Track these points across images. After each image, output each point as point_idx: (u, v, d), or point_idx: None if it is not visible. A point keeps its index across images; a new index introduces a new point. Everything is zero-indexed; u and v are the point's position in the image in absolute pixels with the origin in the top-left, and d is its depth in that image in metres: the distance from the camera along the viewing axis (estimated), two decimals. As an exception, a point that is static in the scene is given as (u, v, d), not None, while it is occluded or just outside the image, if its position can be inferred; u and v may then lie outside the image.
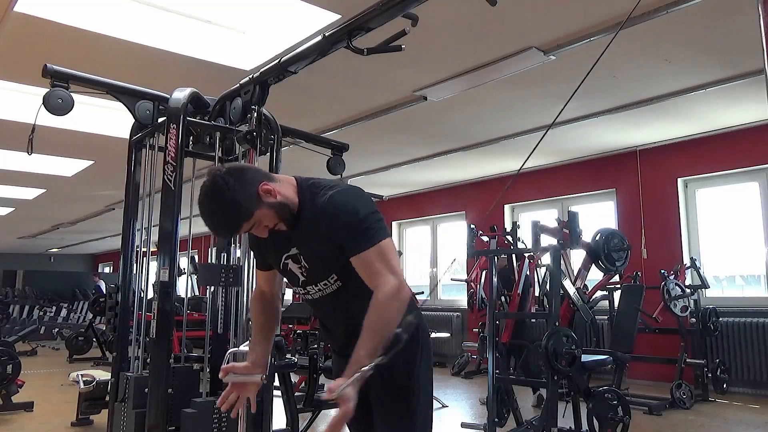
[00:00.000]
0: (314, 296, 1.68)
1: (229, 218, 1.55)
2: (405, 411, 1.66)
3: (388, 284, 1.49)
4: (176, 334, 4.69)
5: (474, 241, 5.64)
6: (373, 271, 1.52)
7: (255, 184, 1.56)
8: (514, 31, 3.90)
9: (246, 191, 1.54)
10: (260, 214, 1.56)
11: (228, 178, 1.53)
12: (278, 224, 1.63)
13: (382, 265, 1.52)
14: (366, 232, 1.53)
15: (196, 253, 10.49)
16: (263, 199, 1.56)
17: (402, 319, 1.48)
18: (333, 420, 1.42)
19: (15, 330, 11.23)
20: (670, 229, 6.60)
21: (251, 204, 1.54)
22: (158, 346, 3.04)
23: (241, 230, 1.60)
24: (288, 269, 1.69)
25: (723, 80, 4.78)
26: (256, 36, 3.93)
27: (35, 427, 4.79)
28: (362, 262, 1.54)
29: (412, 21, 2.40)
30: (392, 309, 1.48)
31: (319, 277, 1.64)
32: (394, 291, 1.48)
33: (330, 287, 1.64)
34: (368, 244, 1.53)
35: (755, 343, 5.77)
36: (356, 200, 1.59)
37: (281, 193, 1.60)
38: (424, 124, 5.98)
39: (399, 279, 1.51)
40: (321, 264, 1.63)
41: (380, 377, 1.67)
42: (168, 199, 3.11)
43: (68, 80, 3.27)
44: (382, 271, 1.51)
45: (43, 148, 6.44)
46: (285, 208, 1.60)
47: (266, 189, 1.57)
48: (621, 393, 3.86)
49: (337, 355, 1.82)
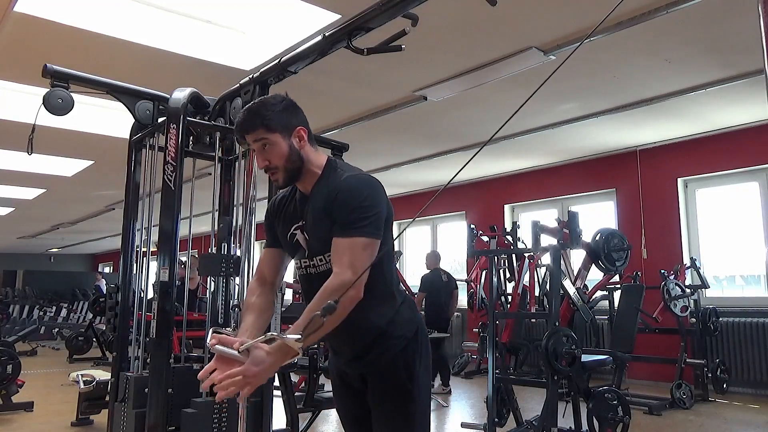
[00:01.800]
0: (311, 270, 1.68)
1: (255, 117, 1.63)
2: (404, 413, 1.65)
3: (340, 277, 1.49)
4: (176, 334, 4.70)
5: (474, 241, 5.64)
6: (338, 259, 1.54)
7: (297, 122, 1.67)
8: (514, 31, 3.90)
9: (286, 116, 1.65)
10: (277, 139, 1.63)
11: (285, 99, 1.68)
12: (278, 171, 1.65)
13: (347, 258, 1.52)
14: (356, 222, 1.54)
15: (196, 253, 10.49)
16: (291, 135, 1.65)
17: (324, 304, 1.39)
18: (235, 370, 1.37)
19: (15, 330, 11.23)
20: (670, 229, 6.60)
21: (280, 124, 1.63)
22: (158, 346, 3.04)
23: (253, 134, 1.63)
24: (295, 240, 1.70)
25: (723, 80, 4.78)
26: (256, 36, 3.93)
27: (35, 427, 4.79)
28: (336, 246, 1.55)
29: (412, 21, 2.40)
30: (338, 298, 1.42)
31: (317, 253, 1.65)
32: (340, 286, 1.47)
33: (324, 265, 1.64)
34: (350, 233, 1.54)
35: (755, 343, 5.77)
36: (368, 190, 1.60)
37: (307, 151, 1.68)
38: (424, 124, 5.98)
39: (353, 278, 1.48)
40: (319, 239, 1.64)
41: (380, 379, 1.67)
42: (168, 199, 3.11)
43: (68, 80, 3.27)
44: (344, 264, 1.51)
45: (43, 148, 6.45)
46: (298, 159, 1.66)
47: (300, 134, 1.67)
48: (621, 393, 3.86)
49: (335, 355, 1.81)
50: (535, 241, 4.22)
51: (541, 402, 3.89)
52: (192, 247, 3.80)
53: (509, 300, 6.14)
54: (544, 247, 4.21)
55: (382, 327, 1.63)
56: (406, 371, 1.65)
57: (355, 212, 1.55)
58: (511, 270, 6.04)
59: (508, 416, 4.24)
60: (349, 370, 1.74)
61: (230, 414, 3.04)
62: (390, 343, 1.65)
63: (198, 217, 3.81)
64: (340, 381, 1.80)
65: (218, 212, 3.65)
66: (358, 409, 1.75)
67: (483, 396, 5.14)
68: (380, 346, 1.65)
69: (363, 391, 1.72)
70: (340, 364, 1.77)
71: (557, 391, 3.68)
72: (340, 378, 1.80)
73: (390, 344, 1.65)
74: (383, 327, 1.64)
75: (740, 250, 6.41)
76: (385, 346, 1.65)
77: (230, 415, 3.04)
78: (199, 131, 3.58)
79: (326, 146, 4.36)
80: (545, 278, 5.62)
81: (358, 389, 1.73)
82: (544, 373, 3.82)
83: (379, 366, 1.66)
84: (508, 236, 6.37)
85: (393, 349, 1.65)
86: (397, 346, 1.65)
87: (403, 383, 1.65)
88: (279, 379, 3.53)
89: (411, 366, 1.66)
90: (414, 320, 1.72)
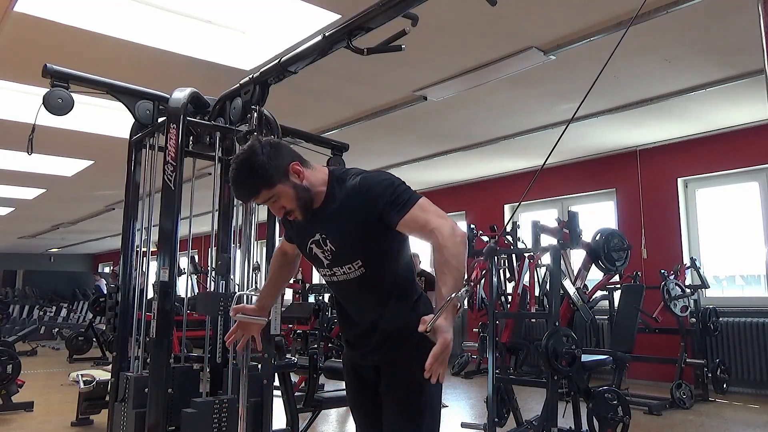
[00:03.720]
0: (339, 278, 1.73)
1: (253, 180, 1.63)
2: (415, 406, 1.68)
3: (442, 227, 1.56)
4: (176, 334, 4.70)
5: (474, 241, 5.64)
6: (422, 224, 1.59)
7: (287, 160, 1.67)
8: (514, 31, 3.90)
9: (276, 162, 1.64)
10: (282, 189, 1.65)
11: (265, 146, 1.65)
12: (294, 211, 1.68)
13: (428, 216, 1.59)
14: (402, 196, 1.62)
15: (196, 253, 10.49)
16: (289, 176, 1.66)
17: (451, 259, 1.52)
18: (434, 350, 1.45)
19: (15, 330, 11.24)
20: (670, 229, 6.60)
21: (277, 175, 1.64)
22: (158, 346, 3.04)
23: (259, 197, 1.66)
24: (313, 253, 1.75)
25: (723, 80, 4.78)
26: (256, 36, 3.93)
27: (35, 427, 4.79)
28: (409, 221, 1.60)
29: (412, 21, 2.40)
30: (453, 246, 1.54)
31: (344, 261, 1.69)
32: (449, 231, 1.55)
33: (354, 272, 1.69)
34: (409, 206, 1.60)
35: (755, 343, 5.77)
36: (386, 176, 1.68)
37: (308, 179, 1.69)
38: (424, 124, 5.98)
39: (449, 221, 1.59)
40: (347, 248, 1.68)
41: (394, 371, 1.71)
42: (168, 199, 3.11)
43: (68, 80, 3.26)
44: (432, 220, 1.58)
45: (43, 148, 6.44)
46: (306, 193, 1.68)
47: (296, 169, 1.67)
48: (621, 393, 3.86)
49: (350, 348, 1.84)
50: (535, 241, 4.22)
51: (541, 402, 3.89)
52: (192, 247, 3.80)
53: (509, 300, 6.14)
54: (544, 247, 4.21)
55: (403, 320, 1.68)
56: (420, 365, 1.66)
57: (394, 193, 1.63)
58: (511, 270, 6.05)
59: (508, 416, 4.24)
60: (365, 362, 1.79)
61: (230, 414, 3.04)
62: (407, 336, 1.67)
63: (198, 217, 3.81)
64: (353, 374, 1.85)
65: (218, 212, 3.65)
66: (369, 402, 1.79)
67: (483, 396, 5.14)
68: (398, 339, 1.69)
69: (376, 383, 1.76)
70: (354, 357, 1.83)
71: (557, 391, 3.68)
72: (354, 371, 1.85)
73: (407, 338, 1.67)
74: (404, 320, 1.67)
75: (740, 250, 6.41)
76: (402, 340, 1.69)
77: (230, 415, 3.04)
78: (199, 131, 3.58)
79: (326, 146, 4.37)
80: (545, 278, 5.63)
81: (371, 382, 1.77)
82: (544, 373, 3.82)
83: (395, 359, 1.70)
84: (508, 236, 6.38)
85: (409, 343, 1.67)
86: (413, 341, 1.67)
87: (416, 376, 1.66)
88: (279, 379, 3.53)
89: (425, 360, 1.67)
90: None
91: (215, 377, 3.42)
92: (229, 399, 3.10)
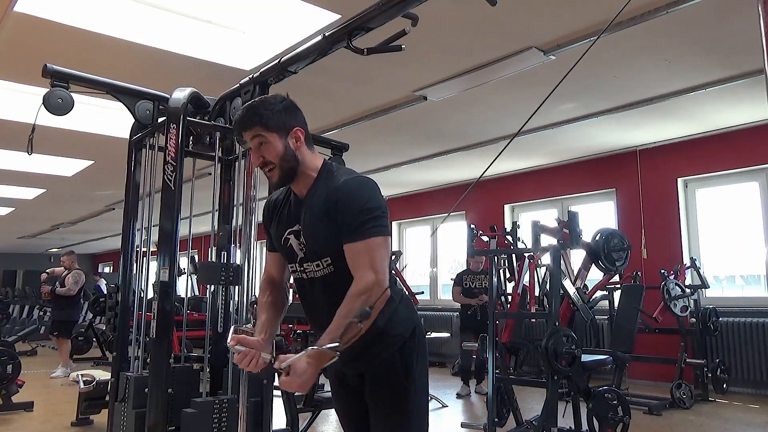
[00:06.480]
0: (308, 275, 1.68)
1: (253, 114, 1.65)
2: (401, 411, 1.66)
3: (364, 279, 1.52)
4: (176, 334, 4.70)
5: (474, 241, 5.64)
6: (357, 263, 1.55)
7: (295, 123, 1.69)
8: (514, 31, 3.90)
9: (284, 116, 1.67)
10: (274, 139, 1.65)
11: (285, 100, 1.70)
12: (274, 168, 1.66)
13: (367, 259, 1.54)
14: (365, 224, 1.56)
15: (196, 253, 10.49)
16: (288, 136, 1.66)
17: (361, 310, 1.47)
18: (282, 381, 1.48)
19: (15, 330, 11.24)
20: (670, 229, 6.60)
21: (277, 123, 1.65)
22: (158, 346, 3.04)
23: (251, 131, 1.65)
24: (288, 245, 1.71)
25: (723, 80, 4.78)
26: (256, 36, 3.93)
27: (35, 427, 4.79)
28: (351, 251, 1.56)
29: (412, 21, 2.40)
30: (364, 302, 1.49)
31: (314, 257, 1.66)
32: (368, 287, 1.51)
33: (322, 270, 1.65)
34: (362, 236, 1.55)
35: (755, 343, 5.77)
36: (368, 192, 1.61)
37: (303, 154, 1.69)
38: (424, 124, 5.98)
39: (378, 277, 1.52)
40: (317, 243, 1.64)
41: (377, 378, 1.68)
42: (168, 199, 3.11)
43: (68, 80, 3.27)
44: (365, 266, 1.53)
45: (43, 148, 6.45)
46: (293, 160, 1.67)
47: (297, 135, 1.68)
48: (621, 393, 3.86)
49: None
50: (535, 241, 4.22)
51: (541, 402, 3.89)
52: (192, 248, 3.80)
53: (509, 300, 6.14)
54: (544, 247, 4.21)
55: (380, 326, 1.62)
56: (404, 370, 1.66)
57: (362, 214, 1.56)
58: (511, 270, 6.04)
59: (508, 416, 4.24)
60: (347, 369, 1.75)
61: (230, 414, 3.04)
62: (388, 341, 1.66)
63: (198, 217, 3.81)
64: (338, 381, 1.82)
65: (218, 212, 3.65)
66: (356, 409, 1.76)
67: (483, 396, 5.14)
68: (378, 345, 1.65)
69: (361, 390, 1.73)
70: (337, 365, 1.77)
71: (557, 391, 3.68)
72: (338, 378, 1.81)
73: (388, 343, 1.66)
74: (381, 326, 1.63)
75: (740, 250, 6.41)
76: (383, 345, 1.66)
77: (230, 415, 3.04)
78: (199, 131, 3.59)
79: (326, 146, 4.37)
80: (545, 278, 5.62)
81: (356, 389, 1.74)
82: (544, 373, 3.82)
83: (377, 365, 1.67)
84: (508, 236, 6.37)
85: (390, 348, 1.66)
86: (395, 345, 1.66)
87: (401, 382, 1.66)
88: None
89: (408, 365, 1.67)
90: (411, 319, 1.73)
91: (215, 377, 3.43)
92: (229, 399, 3.10)
